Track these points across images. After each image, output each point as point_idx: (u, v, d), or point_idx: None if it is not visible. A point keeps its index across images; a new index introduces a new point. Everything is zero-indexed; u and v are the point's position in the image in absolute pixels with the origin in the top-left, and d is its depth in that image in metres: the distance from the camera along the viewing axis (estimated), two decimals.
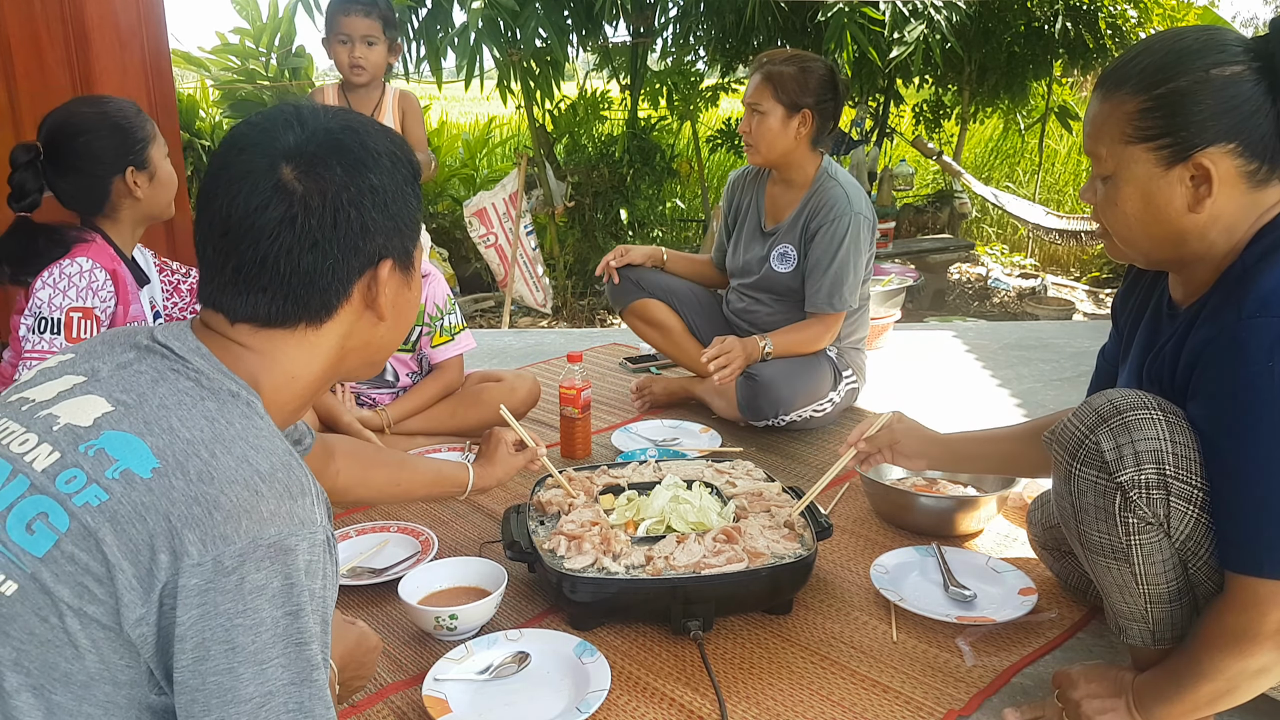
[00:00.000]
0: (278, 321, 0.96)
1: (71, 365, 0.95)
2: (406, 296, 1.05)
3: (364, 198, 0.95)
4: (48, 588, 0.81)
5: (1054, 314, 6.31)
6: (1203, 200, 1.22)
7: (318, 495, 0.90)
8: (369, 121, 1.00)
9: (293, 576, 0.84)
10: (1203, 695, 1.22)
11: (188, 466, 0.83)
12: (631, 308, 2.88)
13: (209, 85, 7.29)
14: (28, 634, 0.82)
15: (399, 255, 1.00)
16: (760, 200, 2.73)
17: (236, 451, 0.86)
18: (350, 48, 2.84)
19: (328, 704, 0.87)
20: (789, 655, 1.63)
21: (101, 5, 3.14)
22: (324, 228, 0.93)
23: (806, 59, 2.54)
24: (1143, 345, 1.41)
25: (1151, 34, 1.33)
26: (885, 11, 6.14)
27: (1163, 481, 1.22)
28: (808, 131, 2.53)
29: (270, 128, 0.95)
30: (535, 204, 6.45)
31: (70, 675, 0.82)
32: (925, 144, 7.19)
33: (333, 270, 0.95)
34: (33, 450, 0.86)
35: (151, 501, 0.81)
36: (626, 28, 7.01)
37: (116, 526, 0.81)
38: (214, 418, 0.88)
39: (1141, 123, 1.23)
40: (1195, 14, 7.30)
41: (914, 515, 2.05)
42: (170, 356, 0.93)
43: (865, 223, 2.53)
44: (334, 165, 0.94)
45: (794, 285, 2.63)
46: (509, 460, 1.87)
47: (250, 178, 0.92)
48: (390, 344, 1.07)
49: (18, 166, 1.96)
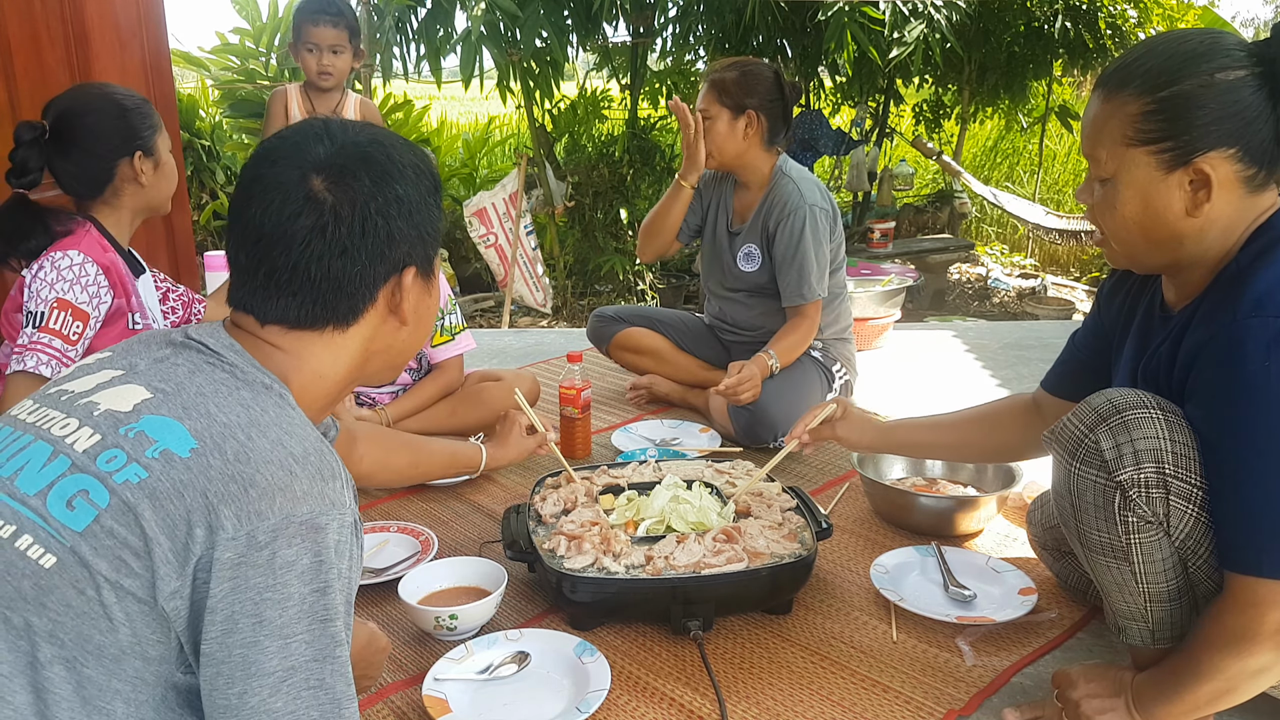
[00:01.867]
0: (306, 324, 1.00)
1: (109, 361, 0.99)
2: (427, 303, 1.09)
3: (390, 207, 1.00)
4: (86, 561, 0.84)
5: (1054, 314, 6.31)
6: (1200, 205, 1.22)
7: (346, 480, 0.94)
8: (394, 136, 1.06)
9: (322, 554, 0.87)
10: (1202, 695, 1.22)
11: (225, 447, 0.87)
12: (615, 341, 2.91)
13: (209, 85, 7.29)
14: (64, 606, 0.84)
15: (421, 263, 1.05)
16: (728, 201, 2.75)
17: (271, 435, 0.89)
18: (318, 56, 2.97)
19: (348, 681, 0.89)
20: (789, 655, 1.63)
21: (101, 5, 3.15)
22: (353, 235, 0.98)
23: (750, 64, 2.58)
24: (1135, 348, 1.41)
25: (1152, 35, 1.32)
26: (885, 11, 6.14)
27: (1162, 480, 1.22)
28: (756, 132, 2.55)
29: (301, 141, 1.00)
30: (535, 204, 6.45)
31: (103, 648, 0.85)
32: (925, 144, 7.20)
33: (360, 276, 1.00)
34: (74, 433, 0.90)
35: (190, 479, 0.85)
36: (626, 28, 7.01)
37: (155, 502, 0.84)
38: (249, 405, 0.92)
39: (1144, 125, 1.22)
40: (1195, 14, 7.30)
41: (914, 515, 2.05)
42: (205, 351, 0.97)
43: (821, 213, 2.56)
44: (362, 176, 0.98)
45: (762, 282, 2.65)
46: (521, 442, 2.03)
47: (282, 188, 0.97)
48: (411, 348, 1.11)
49: (21, 144, 1.94)
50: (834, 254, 2.63)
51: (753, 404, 2.46)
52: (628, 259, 6.93)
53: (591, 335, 3.02)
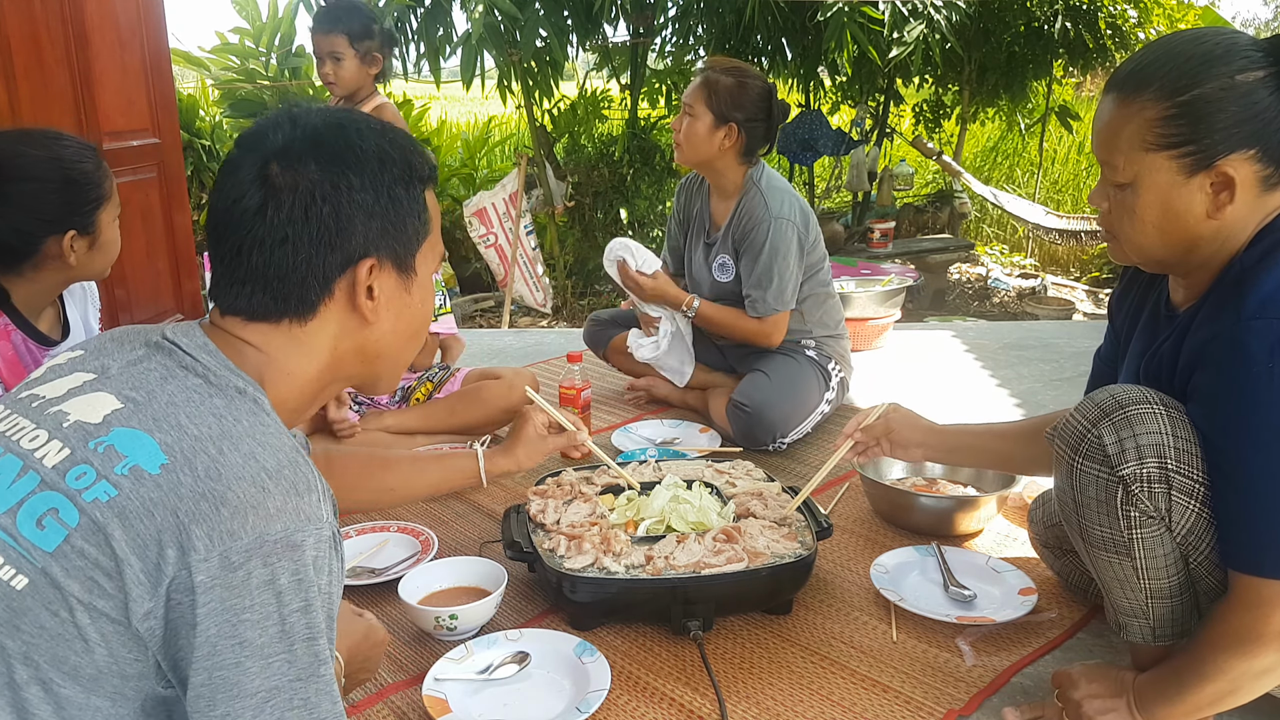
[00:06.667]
0: (260, 315, 0.97)
1: (82, 362, 0.96)
2: (405, 301, 1.03)
3: (339, 194, 0.95)
4: (58, 582, 0.82)
5: (1054, 314, 6.31)
6: (1223, 207, 1.21)
7: (324, 491, 0.91)
8: (364, 121, 1.00)
9: (300, 572, 0.84)
10: (1205, 696, 1.22)
11: (195, 463, 0.84)
12: (613, 345, 2.93)
13: (209, 85, 7.29)
14: (38, 628, 0.82)
15: (388, 256, 1.00)
16: (707, 206, 2.74)
17: (244, 448, 0.86)
18: (322, 65, 2.91)
19: (334, 699, 0.87)
20: (789, 655, 1.63)
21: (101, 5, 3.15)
22: (294, 222, 0.94)
23: (748, 74, 2.54)
24: (1140, 346, 1.41)
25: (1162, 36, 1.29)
26: (885, 11, 6.14)
27: (1164, 475, 1.22)
28: (733, 145, 2.52)
29: (265, 127, 0.98)
30: (535, 204, 6.45)
31: (79, 669, 0.83)
32: (925, 144, 7.20)
33: (306, 265, 0.95)
34: (43, 446, 0.87)
35: (159, 497, 0.82)
36: (626, 27, 7.01)
37: (125, 522, 0.82)
38: (221, 414, 0.88)
39: (1164, 130, 1.20)
40: (1195, 14, 7.30)
41: (914, 515, 2.05)
42: (178, 353, 0.94)
43: (788, 225, 2.52)
44: (308, 161, 0.95)
45: (737, 291, 2.64)
46: (537, 443, 1.75)
47: (238, 172, 0.95)
48: (392, 350, 1.05)
49: None
50: (810, 255, 2.61)
51: (749, 406, 2.46)
52: None
53: (588, 339, 3.02)
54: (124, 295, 3.42)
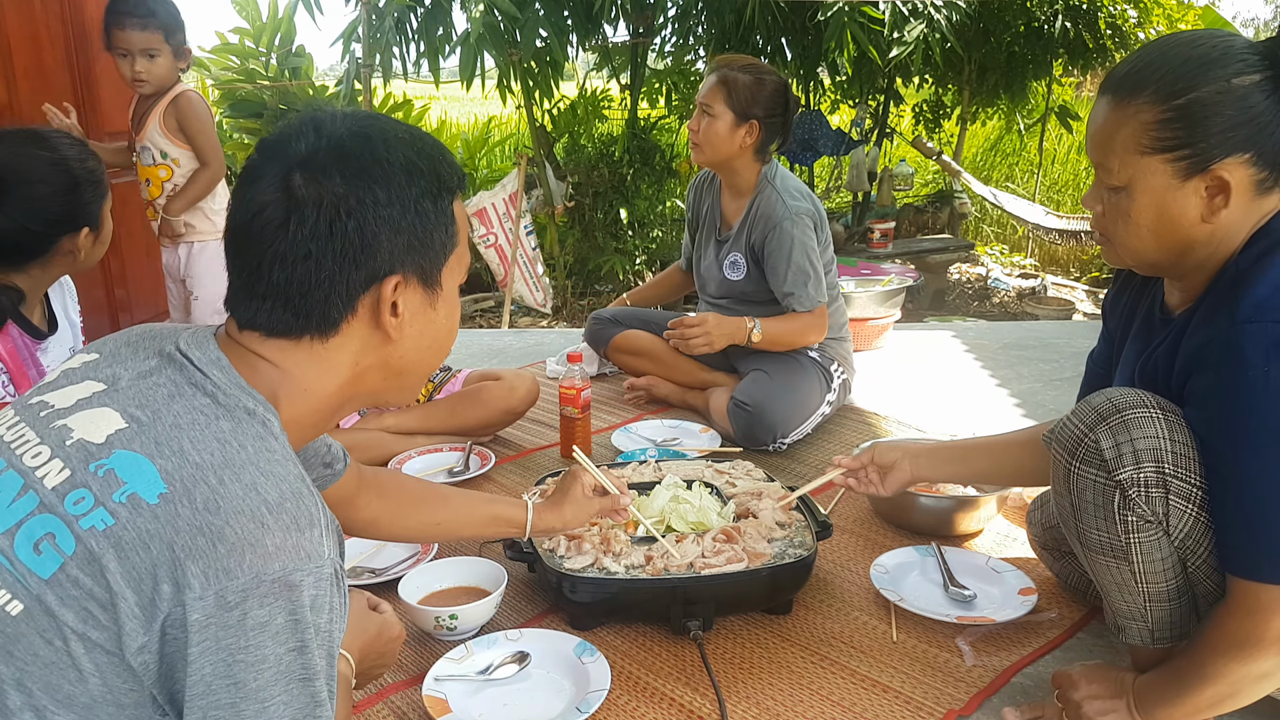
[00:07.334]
0: (280, 331, 0.94)
1: (95, 369, 0.94)
2: (429, 317, 1.00)
3: (365, 210, 0.91)
4: (52, 611, 0.81)
5: (1054, 314, 6.32)
6: (1217, 211, 1.21)
7: (327, 525, 0.88)
8: (392, 130, 0.97)
9: (297, 613, 0.83)
10: (1205, 698, 1.22)
11: (194, 493, 0.82)
12: (614, 344, 2.92)
13: (209, 85, 7.29)
14: (32, 655, 0.82)
15: (414, 272, 0.96)
16: (718, 204, 2.75)
17: (245, 478, 0.84)
18: (131, 61, 2.69)
19: None
20: (789, 655, 1.63)
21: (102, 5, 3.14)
22: (317, 238, 0.90)
23: (763, 70, 2.56)
24: (1135, 350, 1.41)
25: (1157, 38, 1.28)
26: (885, 11, 6.14)
27: (1162, 480, 1.22)
28: (753, 142, 2.55)
29: (289, 134, 0.94)
30: (535, 204, 6.45)
31: (73, 697, 0.82)
32: (925, 144, 7.20)
33: (330, 282, 0.92)
34: (44, 465, 0.86)
35: (156, 529, 0.81)
36: (626, 27, 7.02)
37: (120, 553, 0.80)
38: (226, 440, 0.86)
39: (1160, 133, 1.20)
40: (1195, 14, 7.31)
41: (914, 515, 2.05)
42: (189, 368, 0.91)
43: (806, 214, 2.55)
44: (334, 174, 0.91)
45: (747, 290, 2.65)
46: (584, 503, 1.65)
47: (259, 182, 0.92)
48: (415, 366, 1.02)
49: None
50: (823, 255, 2.62)
51: (750, 404, 2.46)
52: (628, 259, 6.93)
53: (589, 338, 3.02)
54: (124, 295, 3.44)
